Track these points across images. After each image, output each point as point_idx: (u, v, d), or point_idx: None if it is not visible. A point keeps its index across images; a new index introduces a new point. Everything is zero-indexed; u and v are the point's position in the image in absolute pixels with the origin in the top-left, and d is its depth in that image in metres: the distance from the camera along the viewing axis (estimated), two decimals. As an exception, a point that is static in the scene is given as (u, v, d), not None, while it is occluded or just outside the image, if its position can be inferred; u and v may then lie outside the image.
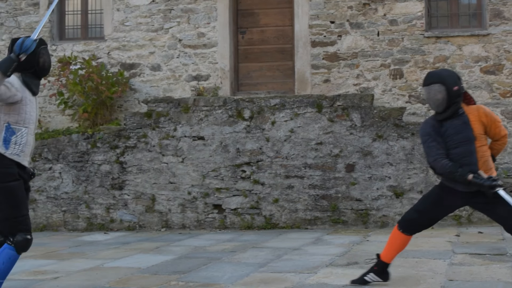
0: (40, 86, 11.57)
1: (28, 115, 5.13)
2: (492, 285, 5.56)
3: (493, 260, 6.62)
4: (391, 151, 9.44)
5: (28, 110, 5.13)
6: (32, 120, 5.21)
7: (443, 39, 10.69)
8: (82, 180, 10.20)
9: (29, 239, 5.07)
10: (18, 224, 5.03)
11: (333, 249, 7.65)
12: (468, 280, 5.76)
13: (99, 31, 12.18)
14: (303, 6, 11.16)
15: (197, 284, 6.00)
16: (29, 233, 5.08)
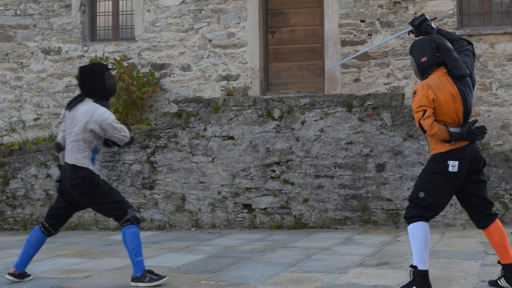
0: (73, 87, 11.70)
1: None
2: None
3: (527, 261, 6.51)
4: (422, 151, 9.35)
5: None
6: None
7: (475, 37, 10.55)
8: (113, 179, 10.29)
9: (136, 211, 6.12)
10: (124, 203, 6.05)
11: (363, 249, 7.61)
12: (500, 281, 5.67)
13: (130, 32, 12.29)
14: (333, 5, 11.12)
15: (227, 284, 6.01)
16: (133, 208, 6.12)
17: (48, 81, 12.21)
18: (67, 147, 6.06)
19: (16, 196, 10.58)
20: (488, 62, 10.48)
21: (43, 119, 12.19)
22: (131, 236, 6.01)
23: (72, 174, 5.97)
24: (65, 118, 6.12)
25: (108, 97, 6.11)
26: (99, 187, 5.99)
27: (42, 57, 12.27)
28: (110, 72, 6.11)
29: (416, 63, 5.29)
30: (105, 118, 5.89)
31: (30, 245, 6.21)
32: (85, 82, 6.03)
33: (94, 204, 6.10)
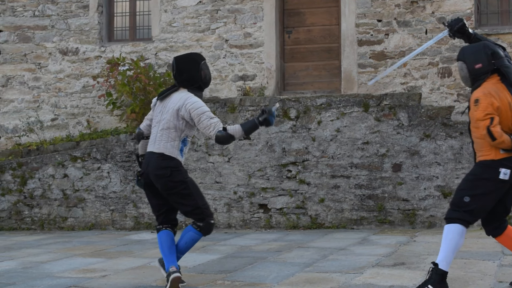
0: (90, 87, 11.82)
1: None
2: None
3: (545, 262, 6.46)
4: (439, 151, 9.29)
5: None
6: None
7: (493, 36, 10.46)
8: (130, 179, 10.33)
9: (213, 223, 5.91)
10: (206, 210, 5.83)
11: (379, 249, 7.57)
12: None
13: (147, 32, 12.34)
14: (350, 4, 11.09)
15: (243, 284, 6.01)
16: (212, 219, 5.89)
17: (65, 82, 12.29)
18: (155, 136, 5.76)
19: (34, 196, 10.66)
20: (506, 61, 10.37)
21: (61, 119, 12.27)
22: (190, 240, 5.82)
23: (159, 164, 5.68)
24: (156, 107, 5.90)
25: (202, 88, 5.88)
26: (186, 186, 5.71)
27: (59, 57, 12.36)
28: (206, 62, 5.92)
29: (468, 69, 5.20)
30: (196, 107, 5.63)
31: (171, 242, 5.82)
32: (181, 72, 5.82)
33: (174, 201, 5.79)
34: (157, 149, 5.72)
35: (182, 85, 5.83)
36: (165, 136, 5.71)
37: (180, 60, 5.88)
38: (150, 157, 5.76)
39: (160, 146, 5.71)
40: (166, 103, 5.79)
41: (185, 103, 5.67)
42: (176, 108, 5.69)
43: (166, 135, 5.71)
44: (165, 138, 5.71)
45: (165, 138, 5.71)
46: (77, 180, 10.53)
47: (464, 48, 5.35)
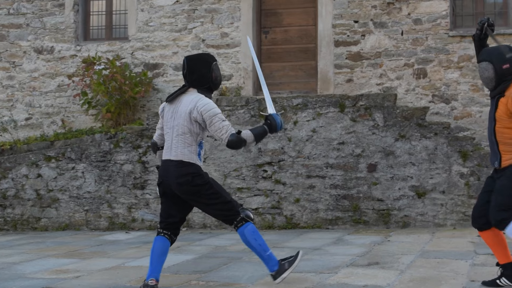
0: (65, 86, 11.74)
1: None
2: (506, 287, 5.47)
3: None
4: (413, 151, 9.36)
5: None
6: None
7: (468, 38, 10.55)
8: (105, 179, 10.27)
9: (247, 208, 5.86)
10: (235, 202, 5.65)
11: (354, 249, 7.61)
12: (490, 282, 5.68)
13: (123, 31, 12.27)
14: (327, 5, 11.11)
15: (218, 284, 6.00)
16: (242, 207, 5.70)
17: (40, 81, 12.18)
18: (171, 143, 5.55)
19: (7, 196, 10.55)
20: (480, 63, 10.47)
21: (35, 118, 12.16)
22: (252, 233, 5.54)
23: (179, 171, 5.45)
24: (165, 112, 5.67)
25: (213, 89, 5.68)
26: (210, 185, 5.52)
27: (34, 56, 12.24)
28: (217, 63, 5.74)
29: (495, 69, 5.19)
30: (208, 109, 5.42)
31: (161, 252, 5.62)
32: (192, 71, 5.60)
33: (203, 204, 5.60)
34: (174, 157, 5.51)
35: (192, 85, 5.61)
36: (181, 142, 5.50)
37: (191, 59, 5.69)
38: (168, 165, 5.54)
39: (178, 153, 5.50)
40: (177, 107, 5.56)
41: (196, 104, 5.46)
42: (188, 112, 5.47)
43: (182, 140, 5.49)
44: (182, 144, 5.49)
45: (181, 144, 5.49)
46: (51, 180, 10.43)
47: (488, 49, 5.34)
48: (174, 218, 5.67)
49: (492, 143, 5.34)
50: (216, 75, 5.66)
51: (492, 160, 5.39)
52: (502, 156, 5.25)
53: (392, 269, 6.35)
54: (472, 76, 10.47)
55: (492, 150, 5.36)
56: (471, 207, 9.08)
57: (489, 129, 5.35)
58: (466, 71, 10.55)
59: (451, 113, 10.48)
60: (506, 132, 5.21)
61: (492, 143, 5.32)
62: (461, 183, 9.19)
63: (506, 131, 5.21)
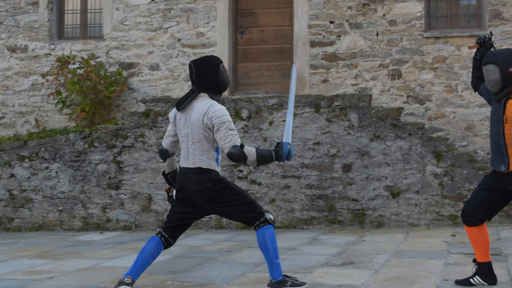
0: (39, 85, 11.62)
1: None
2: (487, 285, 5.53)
3: (489, 260, 6.59)
4: (388, 151, 9.42)
5: None
6: None
7: (442, 39, 10.67)
8: (79, 179, 10.18)
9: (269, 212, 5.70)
10: (258, 204, 5.56)
11: (329, 249, 7.63)
12: (463, 281, 5.74)
13: (98, 30, 12.18)
14: (302, 6, 11.14)
15: (192, 284, 5.98)
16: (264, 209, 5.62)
17: (13, 80, 12.04)
18: (187, 151, 5.43)
19: (-21, 195, 10.42)
20: (454, 64, 10.60)
21: (8, 118, 12.02)
22: (271, 236, 5.47)
23: (198, 179, 5.38)
24: (177, 120, 5.54)
25: (222, 91, 5.58)
26: (232, 188, 5.47)
27: (8, 55, 12.11)
28: (224, 65, 5.62)
29: (502, 72, 5.16)
30: (218, 116, 5.31)
31: (149, 255, 5.56)
32: (201, 75, 5.49)
33: (225, 208, 5.51)
34: (192, 164, 5.42)
35: (202, 90, 5.49)
36: (198, 149, 5.40)
37: (199, 64, 5.55)
38: (186, 172, 5.46)
39: (196, 160, 5.40)
40: (190, 115, 5.45)
41: (208, 111, 5.36)
42: (201, 119, 5.36)
43: (199, 148, 5.40)
44: (199, 151, 5.40)
45: (198, 151, 5.40)
46: (24, 180, 10.32)
47: (495, 52, 5.32)
48: (181, 221, 5.63)
49: (498, 146, 5.26)
50: (225, 77, 5.57)
51: (495, 164, 5.31)
52: (510, 159, 5.21)
53: (366, 269, 6.38)
54: (446, 77, 10.58)
55: (497, 153, 5.28)
56: (445, 207, 9.19)
57: (495, 132, 5.28)
58: (440, 72, 10.64)
59: (425, 113, 10.57)
60: None
61: (499, 146, 5.25)
62: (435, 183, 9.27)
63: None
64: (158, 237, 5.63)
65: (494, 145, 5.33)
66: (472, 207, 5.46)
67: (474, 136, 10.42)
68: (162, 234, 5.63)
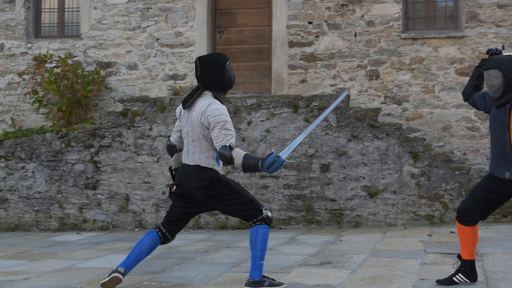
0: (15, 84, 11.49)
1: None
2: (462, 284, 5.58)
3: (465, 260, 6.65)
4: (365, 152, 9.46)
5: None
6: None
7: (420, 40, 10.74)
8: (56, 179, 10.10)
9: (268, 210, 5.66)
10: (258, 202, 5.58)
11: (306, 249, 7.65)
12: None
13: (75, 29, 12.10)
14: (281, 6, 11.15)
15: (170, 284, 5.96)
16: (264, 207, 5.61)
17: (-11, 78, 11.92)
18: (188, 148, 5.50)
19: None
20: (431, 65, 10.67)
21: (-17, 117, 11.90)
22: (264, 236, 5.47)
23: (197, 176, 5.43)
24: (182, 116, 5.59)
25: (227, 89, 5.56)
26: (230, 187, 5.48)
27: (-17, 53, 11.98)
28: (230, 63, 5.57)
29: (504, 78, 5.15)
30: (214, 115, 5.31)
31: (144, 249, 5.60)
32: (206, 73, 5.46)
33: (223, 205, 5.56)
34: (191, 162, 5.48)
35: (207, 88, 5.49)
36: (198, 147, 5.45)
37: (204, 60, 5.54)
38: (186, 169, 5.53)
39: (195, 158, 5.46)
40: (191, 113, 5.48)
41: (206, 109, 5.36)
42: (200, 118, 5.39)
43: (199, 146, 5.44)
44: (198, 149, 5.45)
45: (198, 149, 5.45)
46: (0, 179, 10.21)
47: (498, 57, 5.30)
48: (180, 216, 5.68)
49: (504, 153, 5.23)
50: (230, 75, 5.54)
51: (499, 171, 5.29)
52: None
53: (344, 268, 6.40)
54: (423, 78, 10.65)
55: (502, 160, 5.25)
56: (422, 207, 9.25)
57: (500, 139, 5.26)
58: (417, 73, 10.71)
59: (403, 114, 10.63)
60: None
61: (505, 153, 5.22)
62: (412, 183, 9.33)
63: None
64: (155, 231, 5.67)
65: (498, 152, 5.28)
66: (472, 207, 5.45)
67: (451, 136, 10.50)
68: (160, 228, 5.68)
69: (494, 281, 5.68)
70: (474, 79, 5.65)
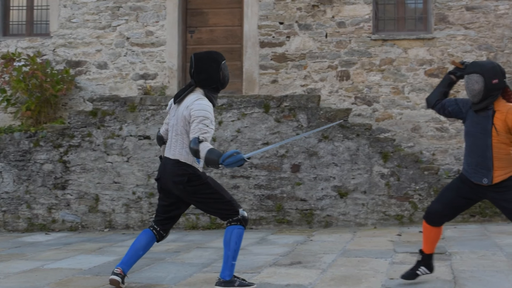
0: None
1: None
2: (431, 283, 5.65)
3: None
4: (336, 152, 9.51)
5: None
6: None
7: (390, 42, 10.84)
8: (24, 179, 9.97)
9: (245, 212, 5.63)
10: (235, 202, 5.57)
11: (277, 249, 7.66)
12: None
13: (44, 27, 11.98)
14: (252, 6, 11.16)
15: (140, 285, 5.93)
16: (241, 207, 5.61)
17: (-44, 77, 11.71)
18: (171, 141, 5.55)
19: None
20: (401, 66, 10.77)
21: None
22: (238, 237, 5.48)
23: (176, 170, 5.45)
24: (171, 110, 5.64)
25: (219, 89, 5.54)
26: (208, 185, 5.48)
27: (-50, 51, 11.78)
28: (225, 62, 5.56)
29: (485, 83, 5.18)
30: (196, 109, 5.30)
31: (141, 246, 5.66)
32: (199, 71, 5.46)
33: (201, 204, 5.57)
34: (172, 156, 5.50)
35: (199, 85, 5.49)
36: (180, 142, 5.47)
37: (200, 58, 5.52)
38: (166, 163, 5.55)
39: (176, 152, 5.48)
40: (179, 107, 5.51)
41: (192, 104, 5.37)
42: (184, 113, 5.41)
43: (181, 141, 5.47)
44: (180, 144, 5.47)
45: (179, 144, 5.47)
46: (-33, 179, 10.06)
47: (480, 63, 5.35)
48: (168, 214, 5.69)
49: (484, 159, 5.27)
50: (225, 75, 5.53)
51: (476, 177, 5.33)
52: (495, 172, 5.24)
53: (314, 268, 6.43)
54: (393, 79, 10.75)
55: (481, 166, 5.29)
56: (391, 207, 9.32)
57: (480, 145, 5.29)
58: (387, 74, 10.80)
59: (373, 114, 10.72)
60: (502, 148, 5.23)
61: (485, 159, 5.26)
62: (381, 183, 9.40)
63: (503, 146, 5.22)
64: (150, 230, 5.72)
65: (478, 158, 5.31)
66: (442, 210, 5.54)
67: (420, 137, 10.61)
68: (154, 227, 5.72)
69: (462, 280, 5.75)
70: (444, 86, 5.67)
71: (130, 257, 5.65)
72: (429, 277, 5.83)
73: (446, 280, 5.74)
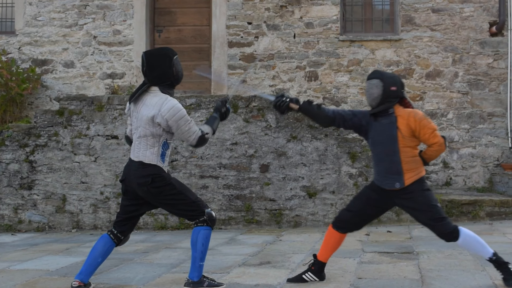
0: None
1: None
2: (399, 282, 5.71)
3: (401, 258, 6.81)
4: (304, 152, 9.56)
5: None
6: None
7: (357, 43, 10.93)
8: (-11, 179, 9.82)
9: (213, 212, 5.60)
10: (201, 202, 5.54)
11: (246, 249, 7.67)
12: (376, 278, 5.89)
13: (10, 25, 11.81)
14: (221, 6, 11.16)
15: (108, 286, 5.88)
16: (210, 208, 5.58)
17: None
18: (134, 143, 5.49)
19: None
20: (368, 67, 10.88)
21: None
22: (204, 238, 5.46)
23: (140, 172, 5.39)
24: (132, 112, 5.55)
25: (174, 85, 5.49)
26: (172, 186, 5.44)
27: None
28: (178, 57, 5.49)
29: (384, 88, 5.38)
30: (173, 114, 5.29)
31: (98, 253, 5.54)
32: (152, 67, 5.38)
33: (166, 205, 5.53)
34: (136, 158, 5.45)
35: (153, 83, 5.42)
36: (143, 144, 5.42)
37: (151, 55, 5.46)
38: (130, 164, 5.49)
39: (139, 154, 5.43)
40: (139, 108, 5.43)
41: (160, 110, 5.31)
42: (151, 116, 5.33)
43: (144, 142, 5.41)
44: (143, 146, 5.42)
45: (143, 146, 5.42)
46: None
47: (381, 70, 5.61)
48: (128, 214, 5.62)
49: (392, 163, 5.42)
50: (178, 70, 5.47)
51: (387, 183, 5.47)
52: (405, 175, 5.40)
53: (283, 268, 6.45)
54: (361, 80, 10.84)
55: (391, 172, 5.44)
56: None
57: (386, 152, 5.45)
58: (355, 75, 10.90)
59: (341, 115, 10.79)
60: (409, 151, 5.41)
61: (394, 164, 5.42)
62: (350, 183, 9.48)
63: (409, 149, 5.41)
64: (107, 234, 5.63)
65: (386, 165, 5.47)
66: (351, 219, 5.70)
67: (387, 137, 10.71)
68: (111, 231, 5.64)
69: (429, 279, 5.83)
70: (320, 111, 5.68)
71: (89, 266, 5.56)
72: (396, 276, 5.90)
73: (414, 279, 5.81)
